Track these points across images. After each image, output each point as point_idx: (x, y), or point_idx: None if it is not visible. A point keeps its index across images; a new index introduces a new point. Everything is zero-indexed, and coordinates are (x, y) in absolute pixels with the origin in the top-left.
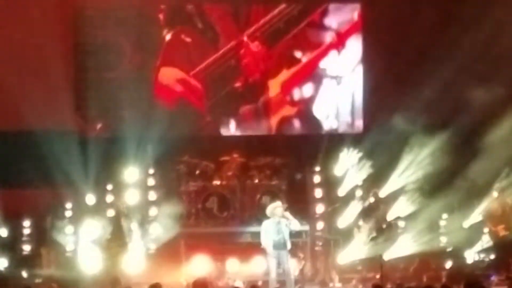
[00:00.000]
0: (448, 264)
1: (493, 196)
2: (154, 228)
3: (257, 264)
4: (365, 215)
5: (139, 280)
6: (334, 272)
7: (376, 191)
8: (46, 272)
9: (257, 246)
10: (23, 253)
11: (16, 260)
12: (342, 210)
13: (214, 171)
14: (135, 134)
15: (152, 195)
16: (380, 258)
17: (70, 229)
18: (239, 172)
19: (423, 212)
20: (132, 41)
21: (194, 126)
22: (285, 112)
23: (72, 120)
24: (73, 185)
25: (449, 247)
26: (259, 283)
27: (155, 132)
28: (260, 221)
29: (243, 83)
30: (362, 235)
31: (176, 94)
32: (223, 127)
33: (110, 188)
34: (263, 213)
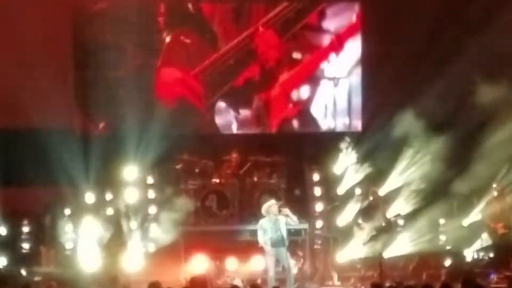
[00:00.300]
0: (448, 263)
1: (493, 195)
2: (153, 227)
3: (256, 263)
4: (364, 214)
5: (138, 278)
6: (333, 271)
7: (375, 190)
8: (46, 270)
9: (256, 245)
10: (23, 251)
11: (16, 258)
12: (341, 209)
13: (214, 170)
14: (134, 133)
15: (152, 194)
16: (380, 257)
17: (70, 228)
18: (238, 171)
19: (423, 211)
20: (133, 41)
21: (194, 125)
22: (285, 113)
23: (72, 119)
24: (73, 184)
25: (449, 246)
26: (258, 281)
27: (154, 131)
28: (260, 219)
29: (243, 82)
30: (361, 234)
31: (176, 94)
32: (223, 126)
33: (110, 187)
34: None
